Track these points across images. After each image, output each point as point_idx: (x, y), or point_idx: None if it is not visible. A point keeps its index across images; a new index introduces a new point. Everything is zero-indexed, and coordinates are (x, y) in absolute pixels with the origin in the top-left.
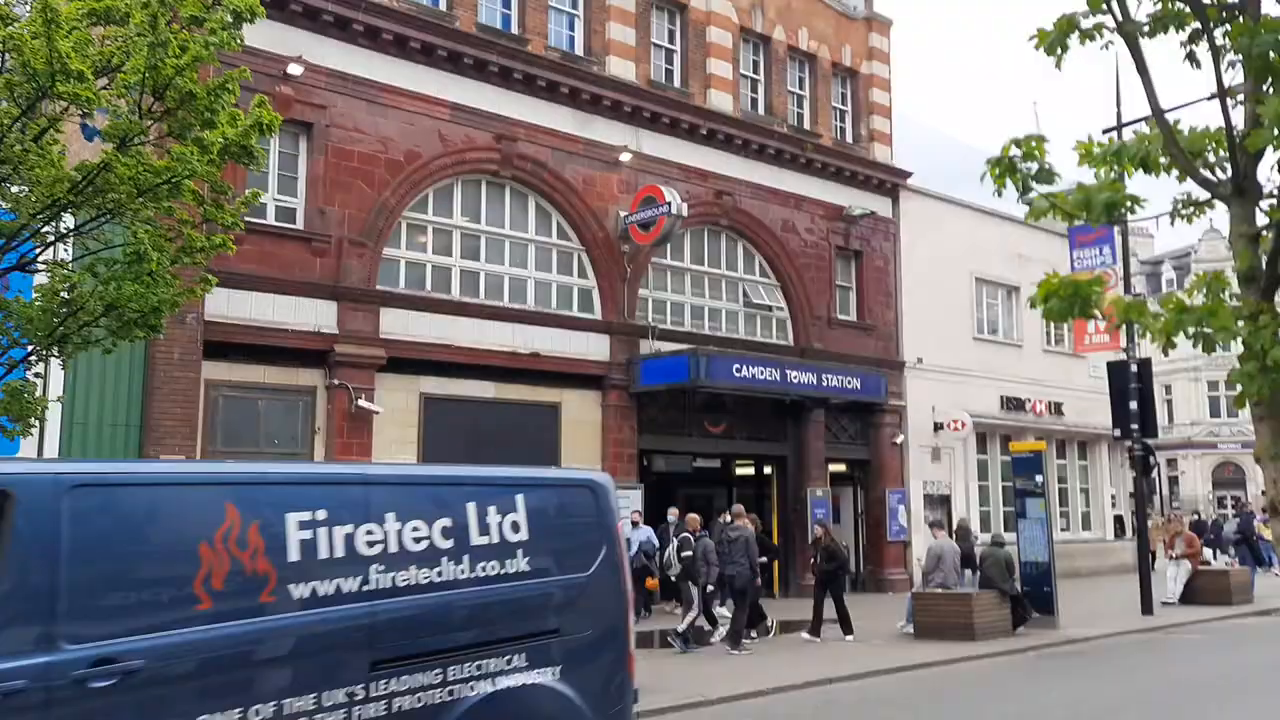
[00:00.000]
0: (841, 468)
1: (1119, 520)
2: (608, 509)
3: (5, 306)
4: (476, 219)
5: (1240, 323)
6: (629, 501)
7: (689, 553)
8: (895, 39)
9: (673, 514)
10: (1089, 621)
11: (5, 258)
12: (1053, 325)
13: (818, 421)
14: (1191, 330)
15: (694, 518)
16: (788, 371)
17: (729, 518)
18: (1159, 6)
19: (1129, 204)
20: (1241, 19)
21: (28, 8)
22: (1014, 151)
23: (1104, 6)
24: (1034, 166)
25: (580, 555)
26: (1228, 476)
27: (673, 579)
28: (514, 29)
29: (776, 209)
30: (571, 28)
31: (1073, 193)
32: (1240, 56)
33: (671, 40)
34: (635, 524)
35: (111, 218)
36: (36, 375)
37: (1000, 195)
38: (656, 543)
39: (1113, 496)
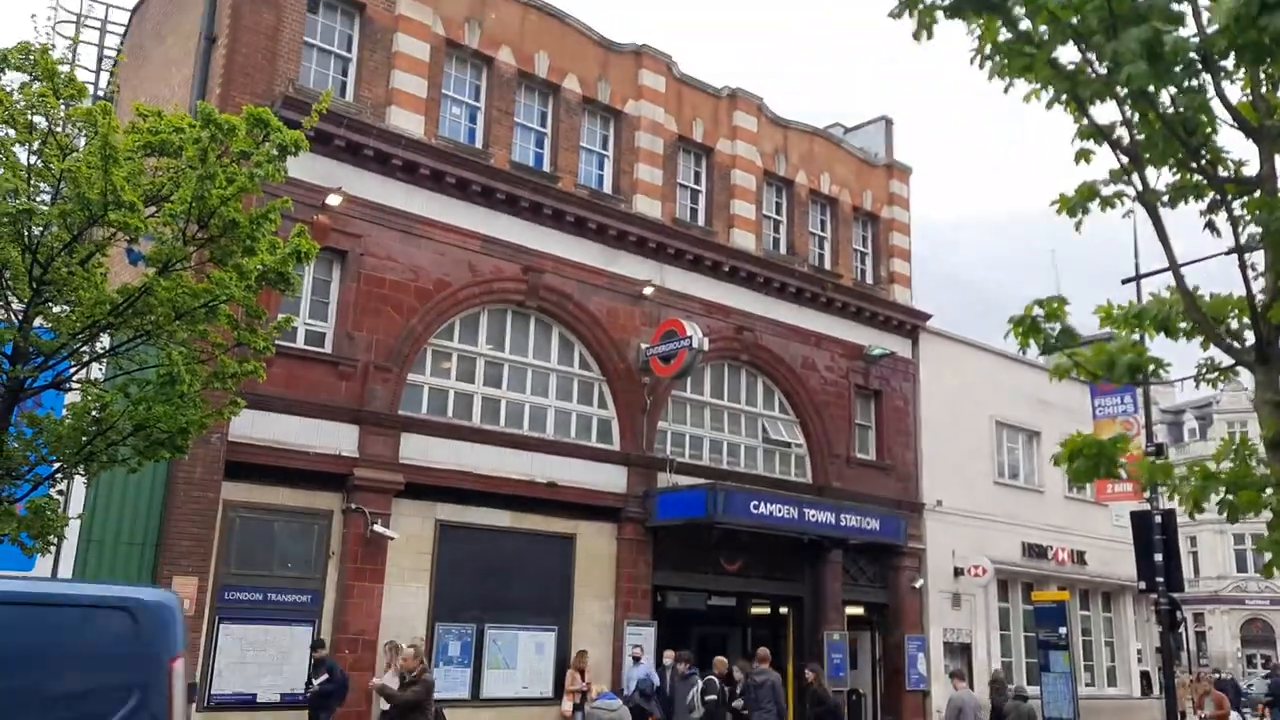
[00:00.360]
0: (859, 611)
1: (1145, 676)
2: (157, 640)
3: (37, 424)
4: (501, 347)
5: (1268, 491)
6: (640, 638)
7: (713, 696)
8: (915, 185)
9: (669, 656)
10: None
11: (41, 376)
12: None
13: (835, 562)
14: (1216, 499)
15: (721, 660)
16: (805, 510)
17: (755, 662)
18: (1178, 177)
19: (1152, 367)
20: (1259, 194)
21: (84, 140)
22: (1036, 311)
23: (1125, 178)
24: (1056, 327)
25: (87, 705)
26: (1256, 633)
27: None
28: (546, 167)
29: (797, 346)
30: (601, 167)
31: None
32: (1260, 229)
33: (697, 181)
34: (637, 659)
35: (148, 339)
36: (59, 493)
37: (1024, 353)
38: (656, 680)
39: (1138, 651)
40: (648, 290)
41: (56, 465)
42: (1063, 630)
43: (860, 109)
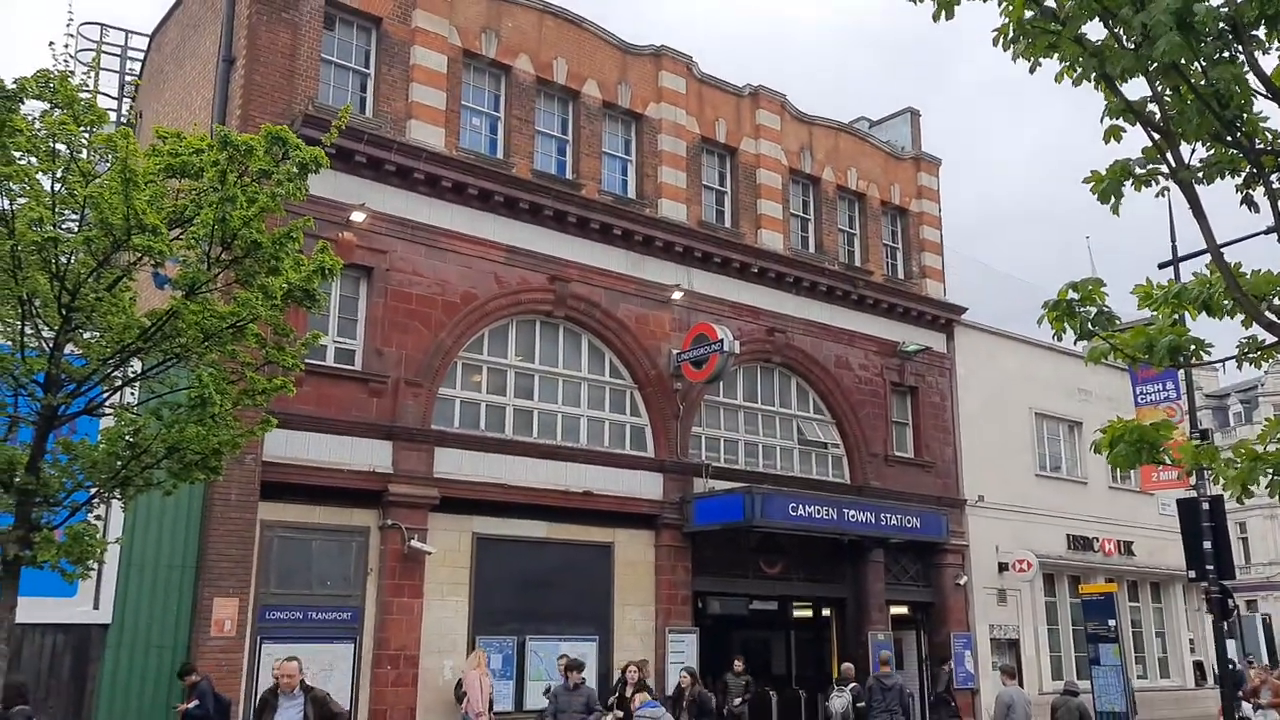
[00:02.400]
0: (903, 610)
1: (1199, 666)
2: None
3: (72, 450)
4: (530, 358)
5: None
6: (682, 645)
7: (862, 704)
8: (945, 177)
9: (562, 662)
10: None
11: (74, 402)
12: None
13: (877, 562)
14: (1265, 481)
15: (849, 667)
16: (845, 510)
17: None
18: (1213, 152)
19: (1193, 348)
20: None
21: (108, 164)
22: (1071, 295)
23: (1159, 155)
24: (1092, 310)
25: None
26: None
27: None
28: (568, 174)
29: (829, 345)
30: (624, 172)
31: (1130, 326)
32: None
33: (722, 182)
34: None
35: (178, 362)
36: (97, 518)
37: (1060, 339)
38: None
39: (1191, 641)
40: (676, 295)
41: (93, 491)
42: (1112, 622)
43: (883, 103)
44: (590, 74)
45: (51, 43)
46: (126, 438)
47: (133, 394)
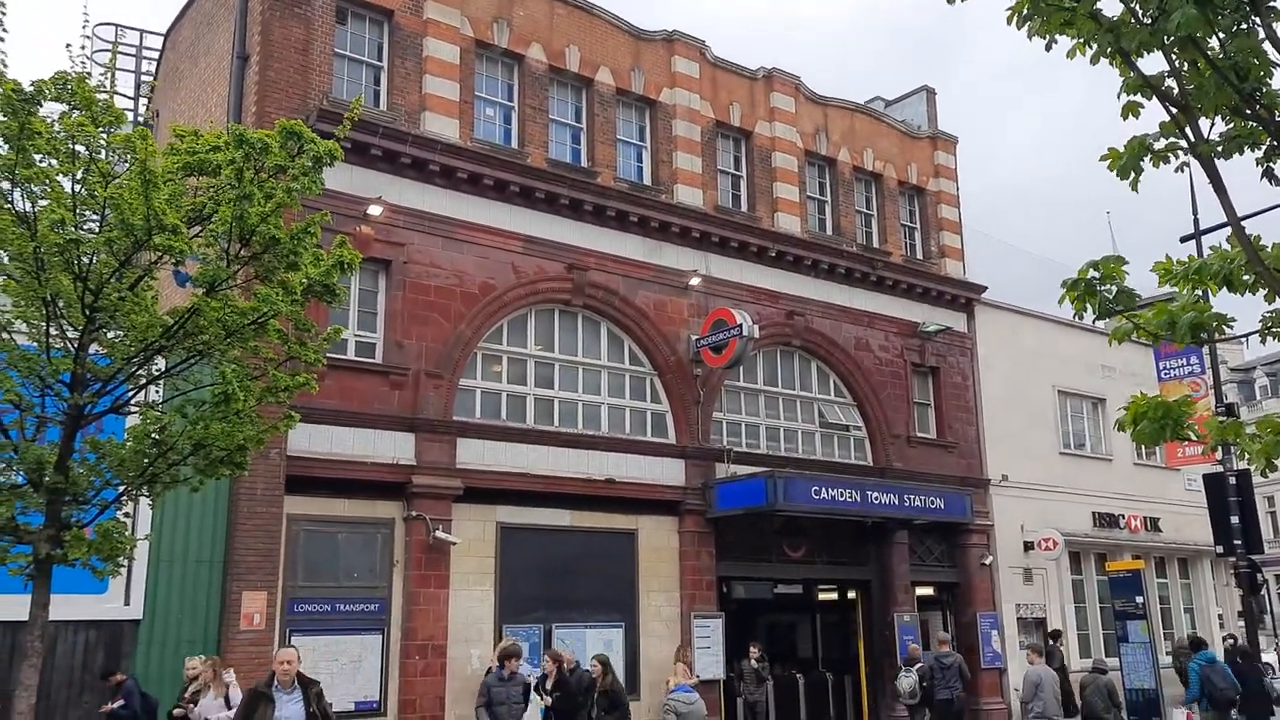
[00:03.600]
0: (929, 591)
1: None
2: None
3: (99, 449)
4: (550, 348)
5: None
6: (706, 630)
7: (927, 682)
8: (962, 155)
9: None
10: None
11: (100, 401)
12: None
13: (901, 543)
14: None
15: (915, 647)
16: (868, 493)
17: (938, 644)
18: (1231, 126)
19: (1216, 324)
20: None
21: (126, 166)
22: (1092, 274)
23: (1177, 130)
24: (1113, 289)
25: None
26: None
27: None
28: (583, 162)
29: (849, 327)
30: (639, 159)
31: (1152, 303)
32: None
33: (737, 167)
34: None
35: (201, 359)
36: (126, 515)
37: (1081, 318)
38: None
39: (1220, 616)
40: (694, 280)
41: (121, 488)
42: (1139, 599)
43: (896, 86)
44: (603, 61)
45: (68, 45)
46: (152, 435)
47: (157, 392)
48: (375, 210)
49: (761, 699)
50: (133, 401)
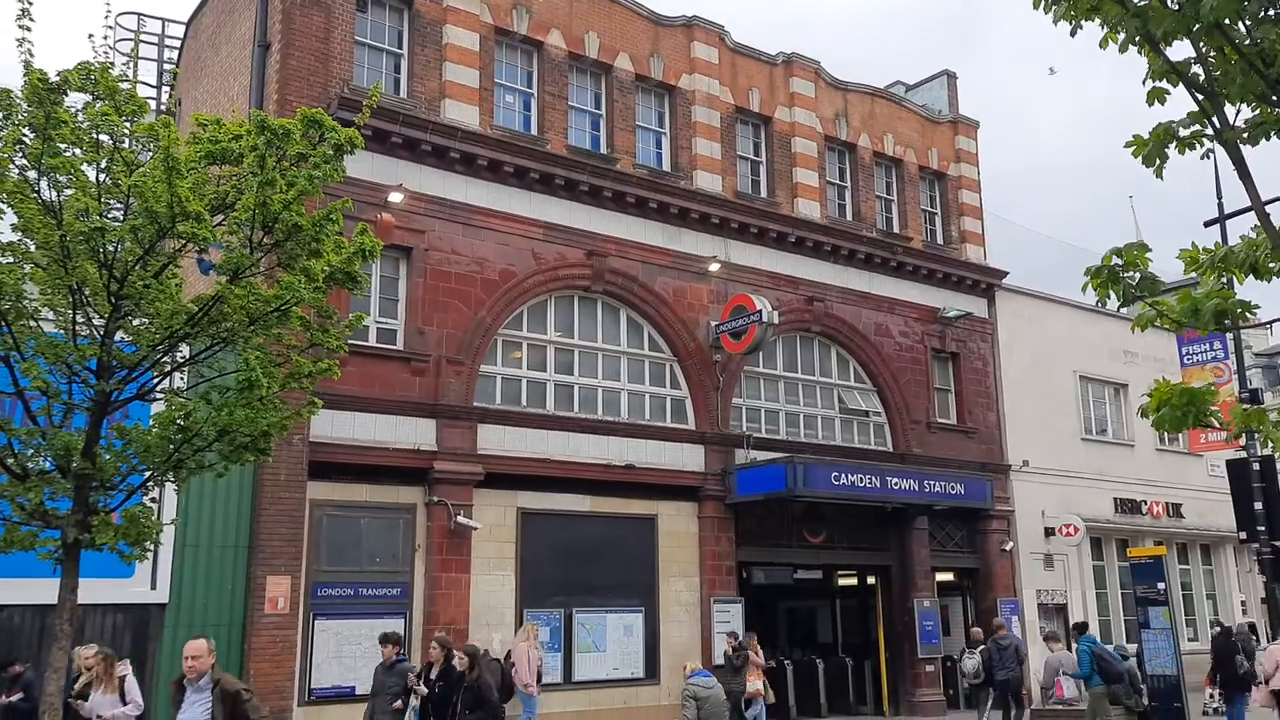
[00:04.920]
0: (949, 576)
1: (1251, 628)
2: None
3: (126, 435)
4: (570, 334)
5: None
6: (727, 615)
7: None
8: (983, 140)
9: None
10: None
11: (126, 388)
12: None
13: (921, 529)
14: None
15: (978, 630)
16: (888, 478)
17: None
18: (1258, 112)
19: (1240, 311)
20: None
21: (149, 155)
22: (1115, 261)
23: (1204, 117)
24: (1136, 276)
25: None
26: None
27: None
28: (603, 149)
29: (869, 313)
30: (658, 145)
31: (1175, 289)
32: None
33: (757, 152)
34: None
35: (225, 346)
36: (152, 500)
37: (1104, 305)
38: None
39: (1242, 603)
40: (713, 266)
41: (147, 474)
42: (1161, 585)
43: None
44: (622, 47)
45: (91, 35)
46: (178, 422)
47: (182, 379)
48: (396, 197)
49: (740, 689)
50: (158, 388)
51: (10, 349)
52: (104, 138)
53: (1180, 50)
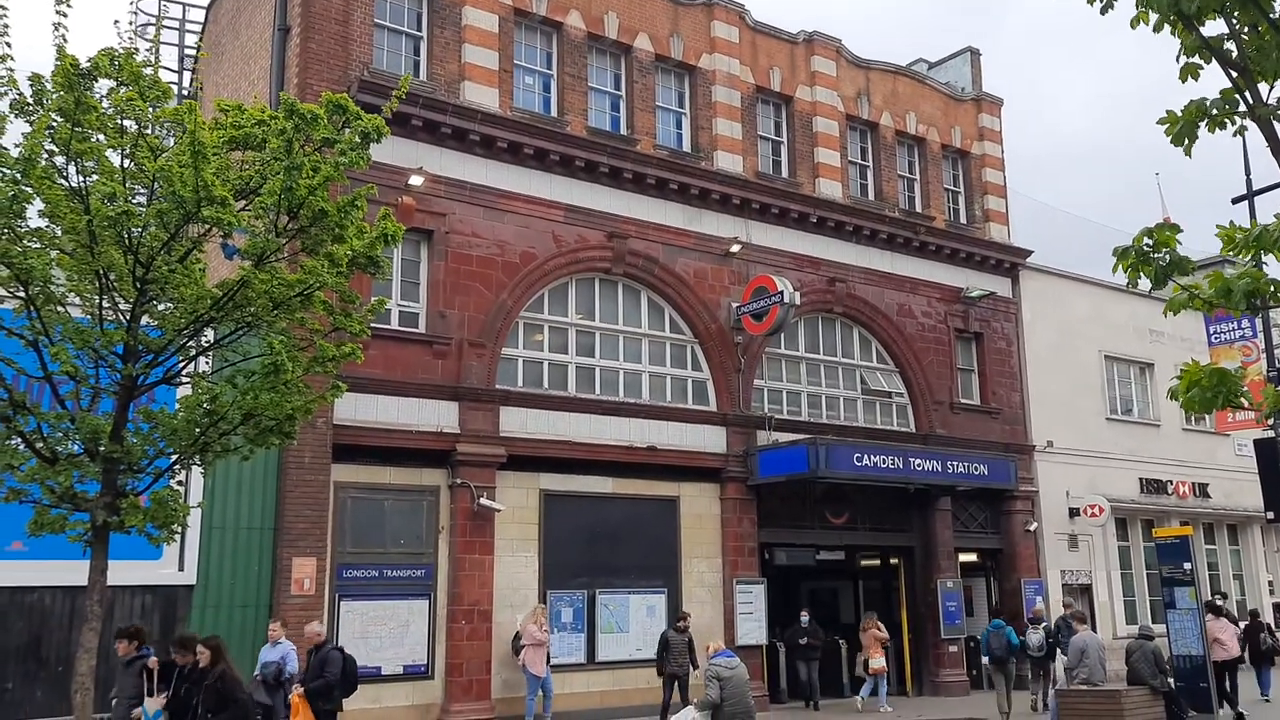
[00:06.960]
0: (972, 557)
1: (1278, 608)
2: None
3: (152, 419)
4: (591, 316)
5: None
6: (749, 596)
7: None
8: (1007, 118)
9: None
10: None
11: (152, 372)
12: None
13: (945, 510)
14: None
15: (1040, 608)
16: (910, 459)
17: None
18: None
19: (1271, 290)
20: None
21: (173, 140)
22: (1145, 242)
23: (1236, 94)
24: (1165, 256)
25: None
26: None
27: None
28: (623, 130)
29: (891, 293)
30: (679, 126)
31: (1204, 267)
32: None
33: (778, 132)
34: (275, 642)
35: (249, 330)
36: (179, 483)
37: (1135, 287)
38: (292, 666)
39: (1270, 583)
40: (734, 248)
41: (174, 457)
42: (1187, 565)
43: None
44: (641, 27)
45: (116, 21)
46: (204, 405)
47: (207, 363)
48: (416, 180)
49: (682, 672)
50: (184, 372)
51: (39, 334)
52: (129, 123)
53: (1213, 27)
